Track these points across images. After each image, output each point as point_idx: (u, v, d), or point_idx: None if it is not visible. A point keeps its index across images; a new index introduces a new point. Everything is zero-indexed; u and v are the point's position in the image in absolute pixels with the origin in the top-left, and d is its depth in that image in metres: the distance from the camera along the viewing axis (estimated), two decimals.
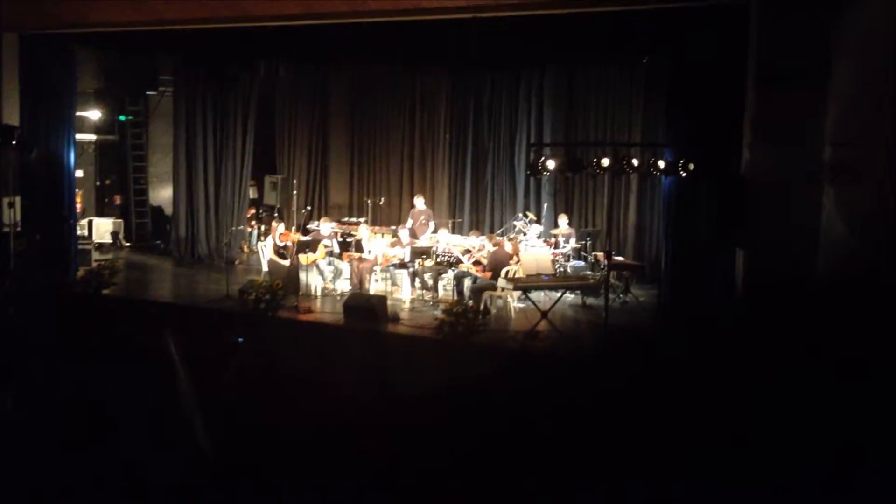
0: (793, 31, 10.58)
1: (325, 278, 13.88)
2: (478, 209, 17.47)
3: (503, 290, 12.34)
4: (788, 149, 10.52)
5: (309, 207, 17.68)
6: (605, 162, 11.23)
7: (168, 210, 18.53)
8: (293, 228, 14.98)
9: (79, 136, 16.46)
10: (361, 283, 13.44)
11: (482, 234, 14.60)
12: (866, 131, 9.45)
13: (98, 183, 19.32)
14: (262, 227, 17.47)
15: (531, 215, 15.44)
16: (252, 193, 17.99)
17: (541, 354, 10.36)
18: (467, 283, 12.87)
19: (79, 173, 17.11)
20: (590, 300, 13.37)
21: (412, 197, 16.63)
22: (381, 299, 12.25)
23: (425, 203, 16.23)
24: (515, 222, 15.30)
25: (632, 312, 12.86)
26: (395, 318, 11.96)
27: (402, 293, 13.60)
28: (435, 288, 13.31)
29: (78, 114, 16.26)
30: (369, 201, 17.20)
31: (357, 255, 13.68)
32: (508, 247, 13.12)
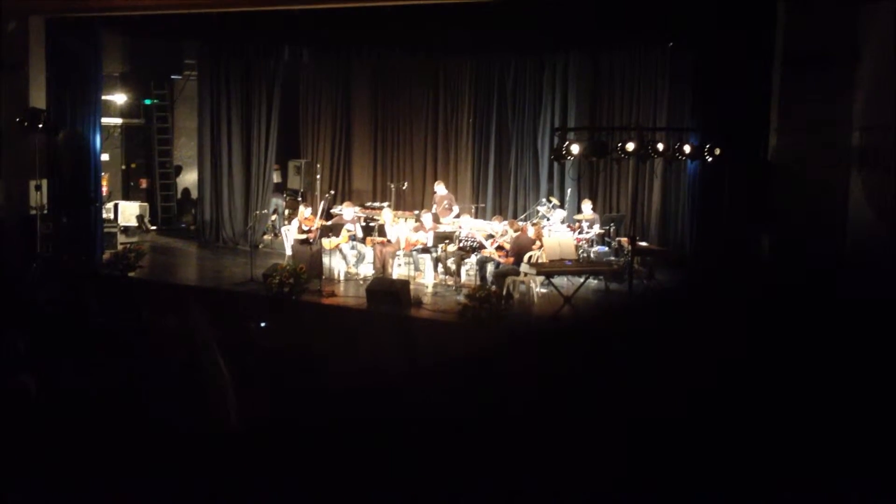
0: (820, 15, 10.48)
1: (348, 263, 13.92)
2: (501, 194, 17.44)
3: (526, 275, 12.32)
4: (816, 133, 10.43)
5: (332, 192, 17.70)
6: (630, 146, 11.17)
7: (193, 193, 18.65)
8: (318, 213, 15.01)
9: (105, 120, 16.59)
10: (384, 267, 13.46)
11: (505, 220, 14.57)
12: (893, 116, 9.35)
13: (124, 166, 19.45)
14: (287, 211, 17.54)
15: (555, 200, 15.39)
16: (276, 178, 18.05)
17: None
18: (490, 268, 12.86)
19: (105, 157, 17.22)
20: (613, 286, 13.31)
21: (435, 182, 16.61)
22: (404, 284, 12.27)
23: (447, 188, 16.21)
24: (539, 207, 15.26)
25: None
26: (418, 303, 11.98)
27: (425, 278, 13.60)
28: (458, 273, 13.30)
29: (104, 98, 16.35)
30: (392, 186, 17.19)
31: (380, 239, 13.69)
32: (531, 232, 13.10)
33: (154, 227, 18.57)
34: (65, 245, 14.05)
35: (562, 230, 14.23)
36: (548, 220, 14.59)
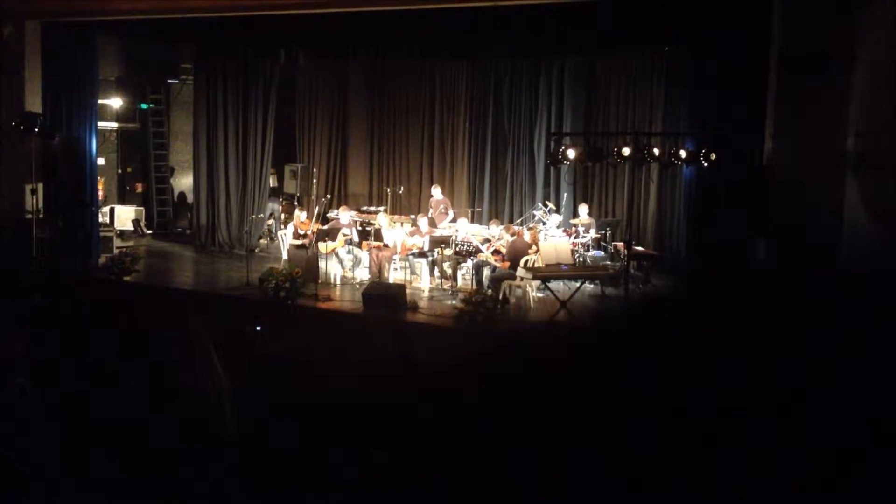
0: (816, 19, 10.50)
1: (344, 267, 13.91)
2: (497, 198, 17.45)
3: (522, 279, 12.33)
4: (811, 138, 10.45)
5: (328, 196, 17.70)
6: (626, 151, 11.20)
7: (189, 198, 18.63)
8: (314, 217, 15.00)
9: (100, 124, 16.57)
10: (381, 271, 13.45)
11: (501, 224, 14.57)
12: (888, 121, 9.38)
13: (119, 171, 19.45)
14: (283, 216, 17.54)
15: (551, 205, 15.40)
16: (272, 182, 18.04)
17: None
18: (486, 272, 12.85)
19: (100, 161, 17.22)
20: (609, 290, 13.31)
21: (431, 186, 16.63)
22: (401, 288, 12.27)
23: (443, 192, 16.23)
24: (535, 212, 15.26)
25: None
26: (414, 307, 11.98)
27: (421, 282, 13.60)
28: (454, 277, 13.30)
29: (99, 102, 16.33)
30: (389, 190, 17.21)
31: (376, 243, 13.69)
32: (527, 236, 13.10)
33: (150, 232, 18.54)
34: (61, 249, 14.04)
35: (558, 234, 14.24)
36: (544, 224, 14.59)
